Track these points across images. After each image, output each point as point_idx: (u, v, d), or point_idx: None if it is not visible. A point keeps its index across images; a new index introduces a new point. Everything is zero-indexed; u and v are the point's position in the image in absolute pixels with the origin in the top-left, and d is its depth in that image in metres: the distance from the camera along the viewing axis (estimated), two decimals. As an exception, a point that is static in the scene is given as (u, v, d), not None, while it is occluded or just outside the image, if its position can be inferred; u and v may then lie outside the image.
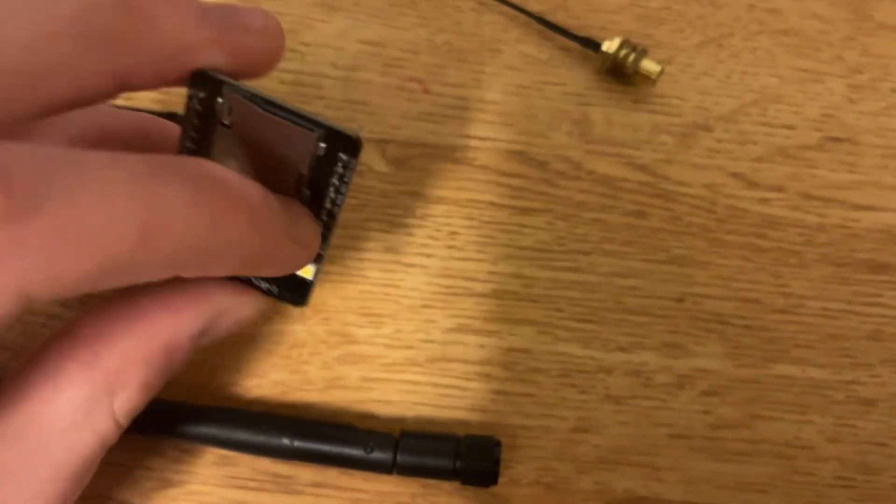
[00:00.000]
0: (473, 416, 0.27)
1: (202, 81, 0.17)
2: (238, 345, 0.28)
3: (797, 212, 0.29)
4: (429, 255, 0.29)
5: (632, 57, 0.29)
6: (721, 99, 0.31)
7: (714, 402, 0.28)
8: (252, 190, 0.16)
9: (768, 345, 0.28)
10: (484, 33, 0.31)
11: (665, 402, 0.28)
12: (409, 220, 0.29)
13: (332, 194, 0.19)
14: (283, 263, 0.18)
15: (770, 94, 0.31)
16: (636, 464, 0.27)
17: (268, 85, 0.30)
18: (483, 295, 0.28)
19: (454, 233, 0.29)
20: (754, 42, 0.31)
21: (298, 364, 0.28)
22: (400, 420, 0.27)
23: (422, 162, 0.29)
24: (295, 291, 0.21)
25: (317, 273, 0.21)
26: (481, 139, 0.30)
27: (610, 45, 0.30)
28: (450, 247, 0.29)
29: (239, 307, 0.19)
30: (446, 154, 0.30)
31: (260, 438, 0.26)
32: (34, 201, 0.12)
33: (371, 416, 0.27)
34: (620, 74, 0.30)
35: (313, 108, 0.29)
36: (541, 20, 0.31)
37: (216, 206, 0.15)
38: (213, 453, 0.27)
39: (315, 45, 0.30)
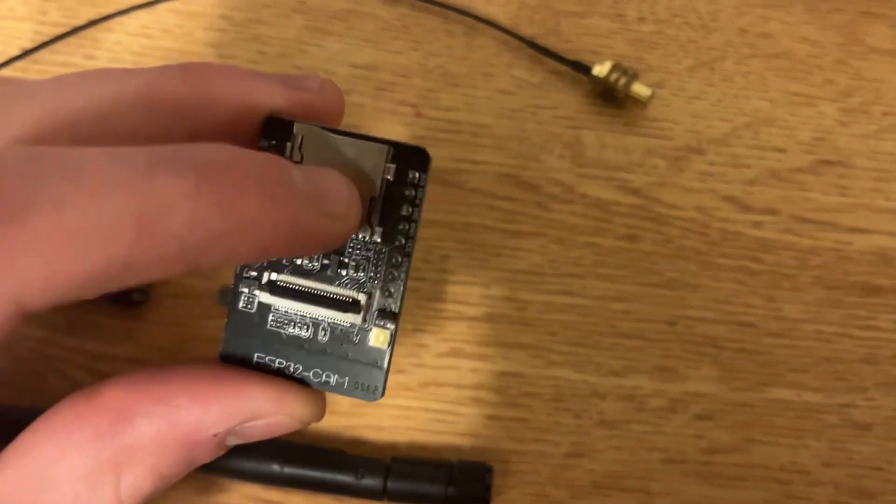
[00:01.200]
0: (466, 441, 0.27)
1: (273, 126, 0.18)
2: (229, 369, 0.27)
3: (790, 235, 0.29)
4: (421, 279, 0.28)
5: (623, 80, 0.30)
6: (713, 122, 0.31)
7: (708, 427, 0.28)
8: (268, 165, 0.15)
9: (762, 368, 0.28)
10: (476, 57, 0.31)
11: (658, 427, 0.28)
12: (402, 244, 0.29)
13: (404, 221, 0.19)
14: (316, 239, 0.16)
15: (762, 118, 0.31)
16: (630, 489, 0.27)
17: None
18: (475, 319, 0.28)
19: (446, 256, 0.29)
20: (746, 66, 0.32)
21: (289, 389, 0.27)
22: (392, 445, 0.27)
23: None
24: (366, 380, 0.19)
25: (392, 342, 0.19)
26: (474, 163, 0.30)
27: (601, 69, 0.30)
28: (442, 270, 0.29)
29: (278, 412, 0.17)
30: (439, 177, 0.30)
31: (250, 464, 0.26)
32: (23, 205, 0.12)
33: (363, 442, 0.27)
34: (612, 98, 0.30)
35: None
36: (532, 44, 0.31)
37: (223, 192, 0.14)
38: (202, 479, 0.26)
39: (308, 69, 0.30)
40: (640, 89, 0.29)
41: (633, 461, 0.27)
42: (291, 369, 0.19)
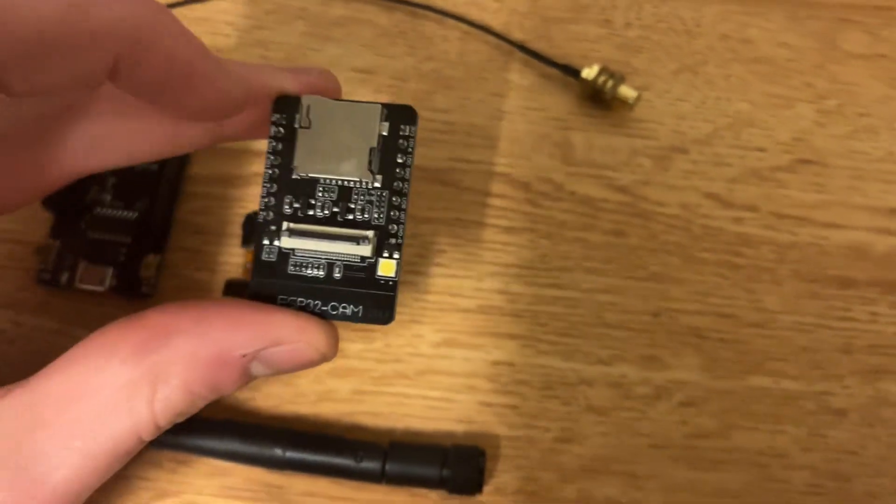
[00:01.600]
0: (460, 427, 0.28)
1: (283, 102, 0.22)
2: (233, 359, 0.29)
3: (769, 230, 0.31)
4: (417, 273, 0.30)
5: (610, 83, 0.31)
6: (696, 123, 0.32)
7: (691, 413, 0.29)
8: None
9: (743, 357, 0.29)
10: (470, 61, 0.33)
11: (644, 413, 0.29)
12: (398, 239, 0.30)
13: (399, 167, 0.22)
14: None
15: (743, 119, 0.32)
16: (617, 472, 0.28)
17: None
18: (469, 310, 0.30)
19: (441, 251, 0.30)
20: (728, 69, 0.33)
21: (290, 377, 0.29)
22: (389, 432, 0.28)
23: (411, 184, 0.30)
24: (379, 306, 0.22)
25: (398, 270, 0.22)
26: (467, 162, 0.31)
27: (589, 72, 0.31)
28: (437, 264, 0.30)
29: (299, 339, 0.19)
30: (434, 176, 0.31)
31: (253, 449, 0.27)
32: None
33: (361, 428, 0.28)
34: (600, 100, 0.32)
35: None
36: (523, 49, 0.32)
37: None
38: (207, 464, 0.28)
39: (308, 73, 0.32)
40: (626, 92, 0.31)
41: (620, 446, 0.28)
42: (311, 305, 0.21)
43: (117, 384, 0.17)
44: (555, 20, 0.33)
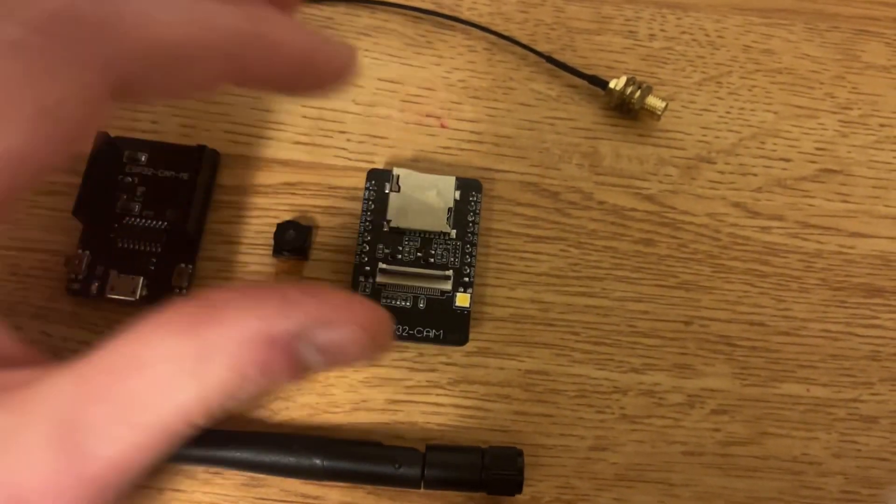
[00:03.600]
0: (494, 437, 0.28)
1: (375, 173, 0.30)
2: (266, 369, 0.28)
3: (796, 239, 0.31)
4: (449, 282, 0.30)
5: (637, 94, 0.31)
6: (721, 133, 0.32)
7: (724, 420, 0.29)
8: None
9: (773, 365, 0.30)
10: (497, 71, 0.33)
11: (677, 421, 0.29)
12: (430, 248, 0.30)
13: (469, 223, 0.30)
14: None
15: (767, 129, 0.33)
16: (652, 480, 0.28)
17: (294, 120, 0.31)
18: (502, 319, 0.30)
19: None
20: (751, 80, 0.33)
21: (325, 387, 0.28)
22: (424, 441, 0.28)
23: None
24: (457, 330, 0.28)
25: (471, 302, 0.29)
26: (496, 171, 0.31)
27: (617, 83, 0.31)
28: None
29: (348, 320, 0.18)
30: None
31: (290, 460, 0.27)
32: None
33: (396, 437, 0.28)
34: (627, 110, 0.32)
35: (335, 141, 0.31)
36: (550, 59, 0.32)
37: None
38: (242, 475, 0.27)
39: (336, 83, 0.32)
40: (654, 102, 0.31)
41: (654, 454, 0.29)
42: (400, 330, 0.28)
43: (170, 359, 0.16)
44: (579, 31, 0.34)
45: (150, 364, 0.16)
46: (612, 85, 0.32)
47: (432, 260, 0.29)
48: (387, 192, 0.29)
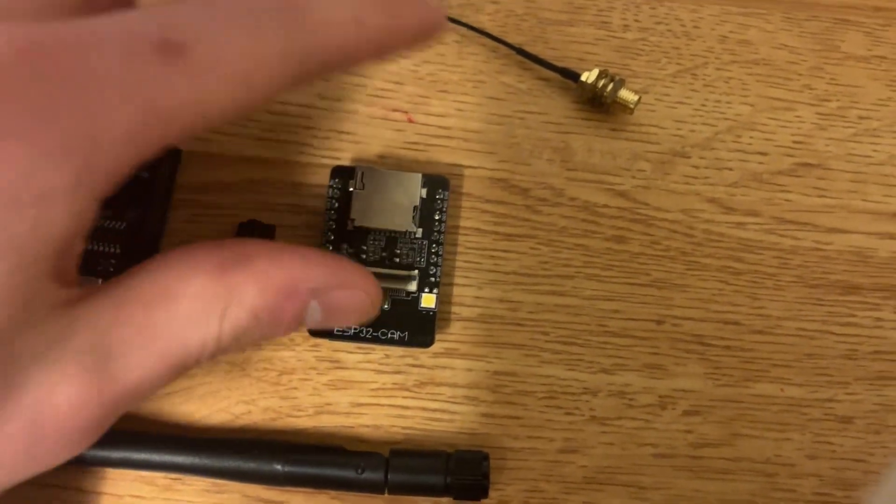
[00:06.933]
0: (461, 440, 0.28)
1: (339, 171, 0.29)
2: (228, 371, 0.28)
3: (772, 235, 0.30)
4: (416, 281, 0.29)
5: (610, 87, 0.30)
6: (696, 127, 0.32)
7: (696, 422, 0.28)
8: None
9: (747, 365, 0.29)
10: (466, 65, 0.32)
11: (648, 423, 0.28)
12: (396, 247, 0.29)
13: (436, 222, 0.29)
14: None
15: (743, 122, 0.32)
16: (622, 483, 0.28)
17: (258, 115, 0.30)
18: (469, 319, 0.29)
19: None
20: (727, 72, 0.32)
21: (288, 390, 0.28)
22: (389, 444, 0.28)
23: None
24: (422, 332, 0.28)
25: (437, 303, 0.28)
26: (465, 167, 0.31)
27: (589, 76, 0.31)
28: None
29: (363, 286, 0.19)
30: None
31: (251, 465, 0.26)
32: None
33: (361, 441, 0.28)
34: (599, 104, 0.31)
35: (300, 137, 0.30)
36: (521, 52, 0.32)
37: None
38: (203, 481, 0.27)
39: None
40: (627, 95, 0.30)
41: (624, 456, 0.28)
42: (364, 332, 0.27)
43: (197, 295, 0.17)
44: (551, 22, 0.33)
45: (180, 298, 0.17)
46: (583, 78, 0.31)
47: (397, 260, 0.28)
48: (351, 189, 0.28)
